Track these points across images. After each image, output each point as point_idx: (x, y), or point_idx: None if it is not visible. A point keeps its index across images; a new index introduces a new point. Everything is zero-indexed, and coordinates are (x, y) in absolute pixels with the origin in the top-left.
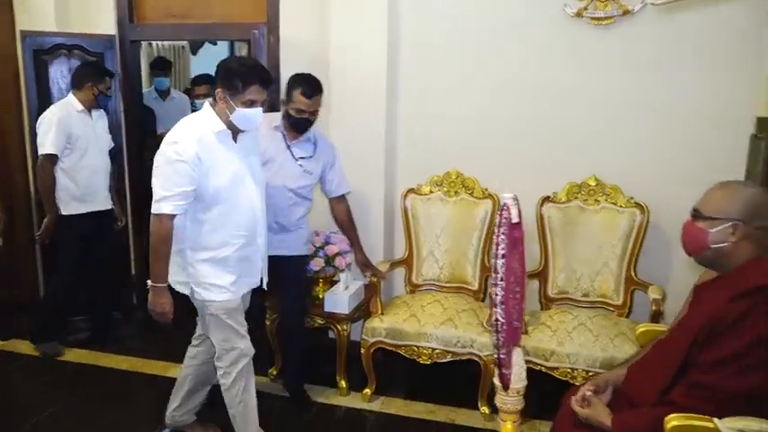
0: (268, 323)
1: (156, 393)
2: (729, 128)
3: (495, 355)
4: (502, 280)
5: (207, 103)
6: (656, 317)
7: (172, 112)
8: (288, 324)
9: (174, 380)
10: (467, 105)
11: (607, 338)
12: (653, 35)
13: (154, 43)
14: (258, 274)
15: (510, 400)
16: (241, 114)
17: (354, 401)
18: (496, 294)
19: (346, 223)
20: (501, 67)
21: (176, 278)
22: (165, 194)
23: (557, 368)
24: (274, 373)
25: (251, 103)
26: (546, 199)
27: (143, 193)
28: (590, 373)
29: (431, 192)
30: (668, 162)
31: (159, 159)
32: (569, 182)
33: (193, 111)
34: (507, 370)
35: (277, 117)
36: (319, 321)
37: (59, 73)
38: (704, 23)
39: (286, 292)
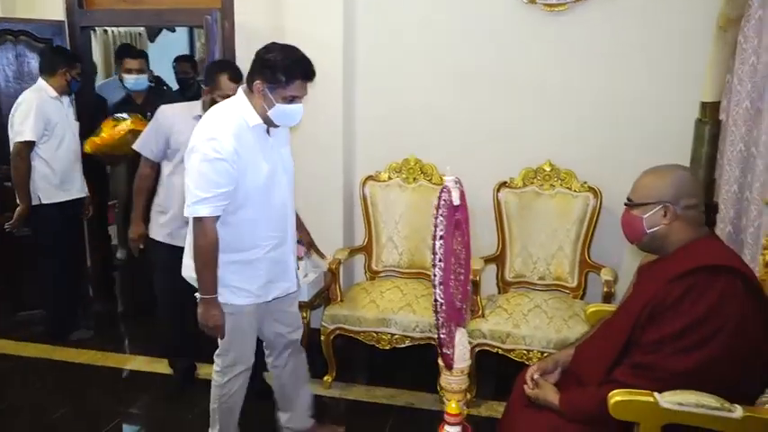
0: None
1: (115, 386)
2: (678, 112)
3: (436, 336)
4: (440, 261)
5: (241, 92)
6: (608, 298)
7: None
8: None
9: (133, 372)
10: (424, 92)
11: (561, 320)
12: (605, 21)
13: (110, 30)
14: (293, 279)
15: (454, 379)
16: (281, 110)
17: (315, 388)
18: (434, 275)
19: None
20: (457, 55)
21: (192, 273)
22: (204, 196)
23: (513, 350)
24: None
25: (292, 99)
26: (503, 184)
27: (93, 184)
28: (545, 354)
29: (390, 178)
30: (620, 147)
31: (195, 157)
32: (525, 167)
33: (131, 90)
34: (449, 350)
35: (197, 106)
36: None
37: (5, 60)
38: (655, 10)
39: None
